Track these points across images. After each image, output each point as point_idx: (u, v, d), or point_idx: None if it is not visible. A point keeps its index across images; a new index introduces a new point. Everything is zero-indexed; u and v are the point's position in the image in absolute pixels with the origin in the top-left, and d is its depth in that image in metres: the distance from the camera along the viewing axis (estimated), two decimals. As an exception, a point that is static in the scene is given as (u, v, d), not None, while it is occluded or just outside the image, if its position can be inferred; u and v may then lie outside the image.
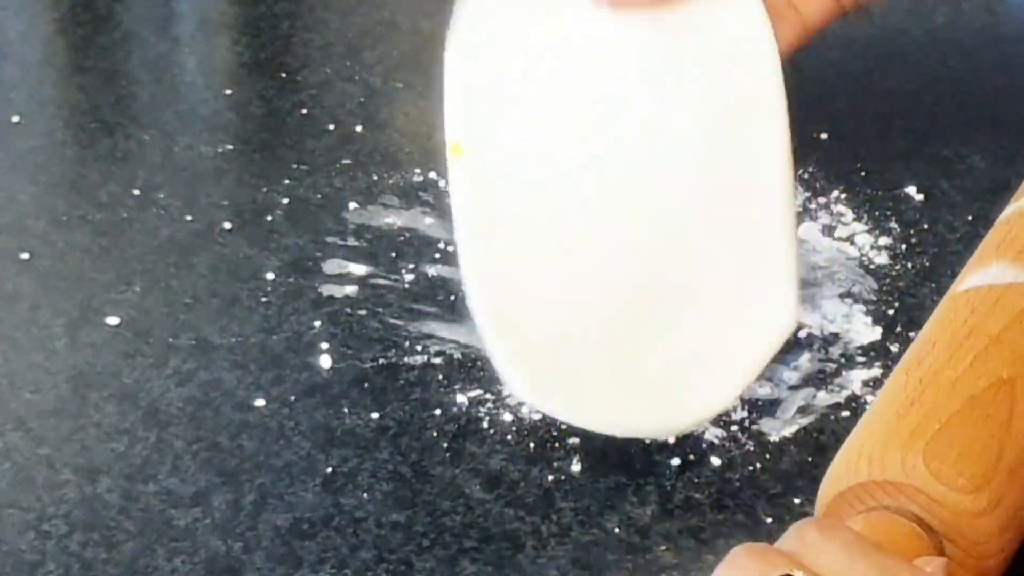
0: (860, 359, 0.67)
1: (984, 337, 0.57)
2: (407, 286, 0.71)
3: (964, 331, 0.58)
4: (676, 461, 0.62)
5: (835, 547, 0.47)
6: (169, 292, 0.71)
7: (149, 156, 0.80)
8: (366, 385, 0.66)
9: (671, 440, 0.63)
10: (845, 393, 0.65)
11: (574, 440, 0.63)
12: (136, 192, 0.77)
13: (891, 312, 0.69)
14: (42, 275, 0.72)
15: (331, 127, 0.81)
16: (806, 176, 0.77)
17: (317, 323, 0.69)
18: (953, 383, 0.55)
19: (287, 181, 0.77)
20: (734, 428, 0.64)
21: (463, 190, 0.62)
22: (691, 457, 0.63)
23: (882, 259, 0.72)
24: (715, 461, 0.62)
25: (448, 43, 0.63)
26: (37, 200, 0.77)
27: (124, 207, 0.76)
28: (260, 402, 0.65)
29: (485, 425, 0.64)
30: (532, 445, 0.63)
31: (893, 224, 0.74)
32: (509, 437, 0.63)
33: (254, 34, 0.90)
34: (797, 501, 0.61)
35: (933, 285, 0.71)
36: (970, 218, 0.75)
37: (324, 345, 0.67)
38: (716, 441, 0.63)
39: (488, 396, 0.65)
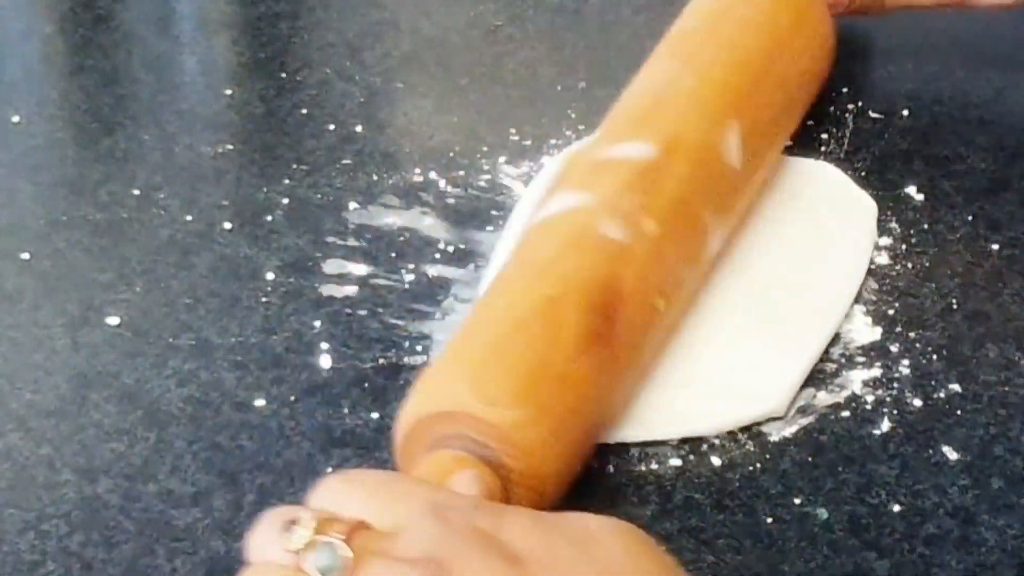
0: (860, 359, 0.67)
1: (535, 263, 0.62)
2: (407, 286, 0.71)
3: (519, 260, 0.63)
4: (676, 461, 0.62)
5: (357, 488, 0.49)
6: (169, 292, 0.71)
7: (149, 156, 0.79)
8: (366, 385, 0.66)
9: (673, 441, 0.63)
10: (845, 393, 0.65)
11: (574, 440, 0.63)
12: (136, 192, 0.77)
13: (891, 312, 0.69)
14: (42, 275, 0.72)
15: (331, 127, 0.81)
16: (806, 176, 0.77)
17: (317, 323, 0.69)
18: (502, 309, 0.60)
19: (287, 181, 0.77)
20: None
21: None
22: (691, 457, 0.63)
23: (882, 259, 0.72)
24: (715, 461, 0.62)
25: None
26: (37, 200, 0.77)
27: (124, 207, 0.76)
28: (260, 402, 0.65)
29: (485, 425, 0.63)
30: (532, 445, 0.63)
31: (893, 224, 0.74)
32: (509, 437, 0.63)
33: (254, 34, 0.90)
34: (797, 501, 0.61)
35: (933, 285, 0.71)
36: (970, 218, 0.75)
37: (324, 345, 0.67)
38: (716, 441, 0.63)
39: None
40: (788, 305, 0.69)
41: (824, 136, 0.79)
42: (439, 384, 0.58)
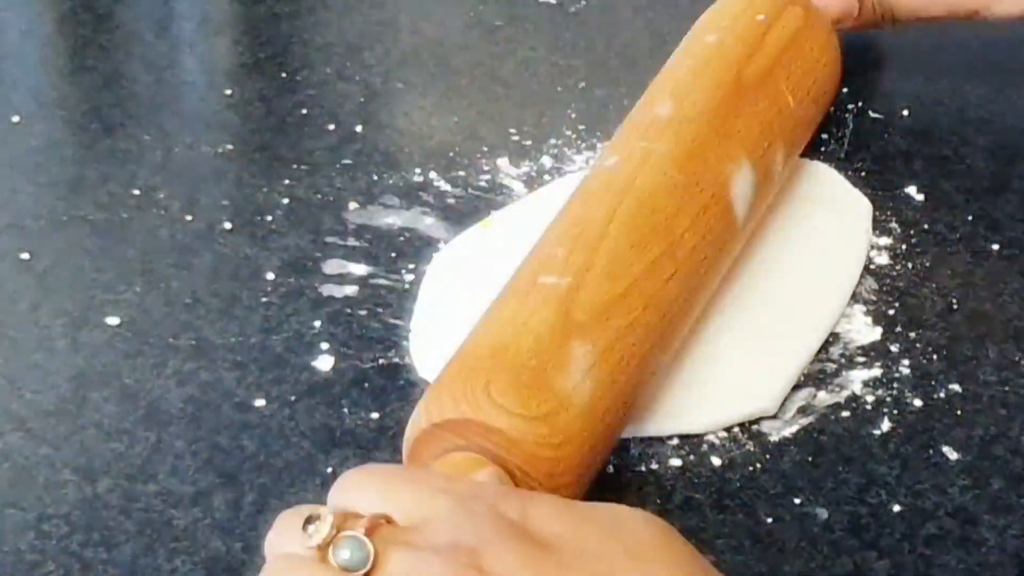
0: (860, 359, 0.67)
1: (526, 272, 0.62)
2: (407, 286, 0.71)
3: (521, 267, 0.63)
4: (676, 461, 0.62)
5: (376, 482, 0.49)
6: (169, 292, 0.71)
7: (149, 156, 0.79)
8: (366, 385, 0.66)
9: (673, 441, 0.63)
10: (845, 393, 0.65)
11: (574, 440, 0.63)
12: (136, 192, 0.77)
13: (891, 312, 0.69)
14: (42, 275, 0.72)
15: (331, 127, 0.81)
16: (806, 176, 0.77)
17: (317, 323, 0.69)
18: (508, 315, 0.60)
19: (287, 181, 0.77)
20: (734, 428, 0.64)
21: None
22: (691, 457, 0.62)
23: (882, 259, 0.72)
24: (715, 461, 0.62)
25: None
26: (37, 200, 0.77)
27: (124, 207, 0.76)
28: (260, 402, 0.65)
29: (485, 425, 0.63)
30: (532, 445, 0.63)
31: (893, 224, 0.74)
32: (509, 437, 0.63)
33: (254, 34, 0.90)
34: (797, 501, 0.61)
35: (933, 285, 0.71)
36: (970, 218, 0.75)
37: (324, 345, 0.67)
38: (716, 441, 0.63)
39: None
40: (783, 304, 0.69)
41: (824, 136, 0.79)
42: (450, 391, 0.57)
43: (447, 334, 0.68)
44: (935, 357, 0.67)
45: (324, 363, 0.67)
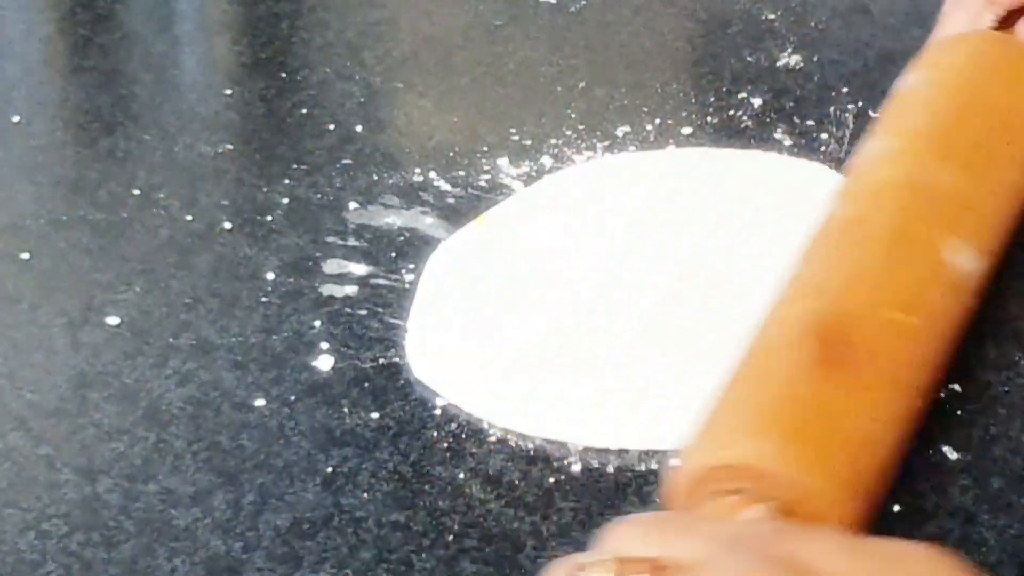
0: (860, 359, 0.67)
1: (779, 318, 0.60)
2: (407, 286, 0.71)
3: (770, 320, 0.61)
4: (677, 461, 0.62)
5: (648, 529, 0.48)
6: (169, 292, 0.71)
7: (149, 156, 0.80)
8: (366, 385, 0.66)
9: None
10: (845, 393, 0.65)
11: (574, 440, 0.63)
12: (136, 192, 0.77)
13: (891, 312, 0.69)
14: (42, 275, 0.72)
15: (331, 127, 0.81)
16: (806, 176, 0.77)
17: (317, 323, 0.69)
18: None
19: (287, 181, 0.77)
20: (734, 428, 0.63)
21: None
22: (691, 457, 0.62)
23: (882, 259, 0.72)
24: (715, 461, 0.62)
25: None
26: (37, 200, 0.77)
27: (124, 207, 0.76)
28: (260, 402, 0.65)
29: (485, 425, 0.64)
30: (532, 445, 0.63)
31: (893, 224, 0.74)
32: (509, 437, 0.63)
33: (254, 34, 0.90)
34: (797, 501, 0.61)
35: (933, 285, 0.71)
36: (970, 218, 0.75)
37: (324, 345, 0.68)
38: (716, 441, 0.63)
39: (488, 396, 0.65)
40: None
41: (824, 136, 0.79)
42: (724, 435, 0.56)
43: (443, 334, 0.68)
44: (935, 357, 0.67)
45: (324, 363, 0.67)
